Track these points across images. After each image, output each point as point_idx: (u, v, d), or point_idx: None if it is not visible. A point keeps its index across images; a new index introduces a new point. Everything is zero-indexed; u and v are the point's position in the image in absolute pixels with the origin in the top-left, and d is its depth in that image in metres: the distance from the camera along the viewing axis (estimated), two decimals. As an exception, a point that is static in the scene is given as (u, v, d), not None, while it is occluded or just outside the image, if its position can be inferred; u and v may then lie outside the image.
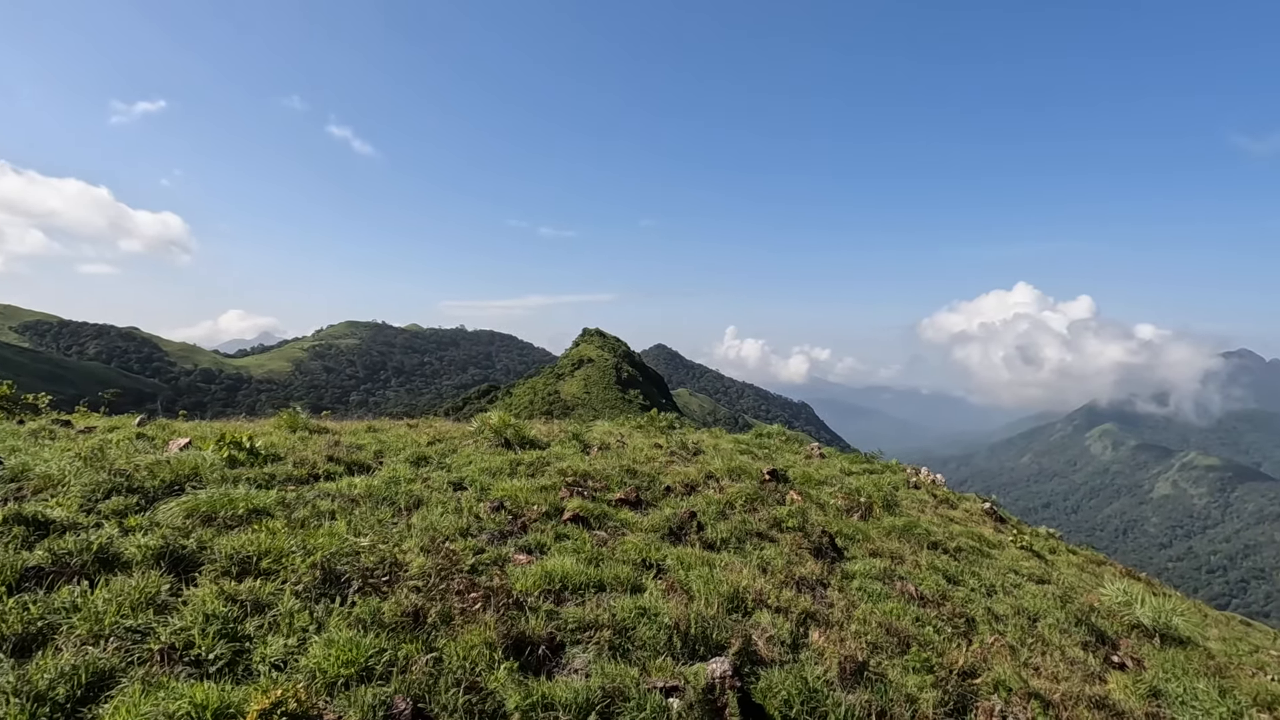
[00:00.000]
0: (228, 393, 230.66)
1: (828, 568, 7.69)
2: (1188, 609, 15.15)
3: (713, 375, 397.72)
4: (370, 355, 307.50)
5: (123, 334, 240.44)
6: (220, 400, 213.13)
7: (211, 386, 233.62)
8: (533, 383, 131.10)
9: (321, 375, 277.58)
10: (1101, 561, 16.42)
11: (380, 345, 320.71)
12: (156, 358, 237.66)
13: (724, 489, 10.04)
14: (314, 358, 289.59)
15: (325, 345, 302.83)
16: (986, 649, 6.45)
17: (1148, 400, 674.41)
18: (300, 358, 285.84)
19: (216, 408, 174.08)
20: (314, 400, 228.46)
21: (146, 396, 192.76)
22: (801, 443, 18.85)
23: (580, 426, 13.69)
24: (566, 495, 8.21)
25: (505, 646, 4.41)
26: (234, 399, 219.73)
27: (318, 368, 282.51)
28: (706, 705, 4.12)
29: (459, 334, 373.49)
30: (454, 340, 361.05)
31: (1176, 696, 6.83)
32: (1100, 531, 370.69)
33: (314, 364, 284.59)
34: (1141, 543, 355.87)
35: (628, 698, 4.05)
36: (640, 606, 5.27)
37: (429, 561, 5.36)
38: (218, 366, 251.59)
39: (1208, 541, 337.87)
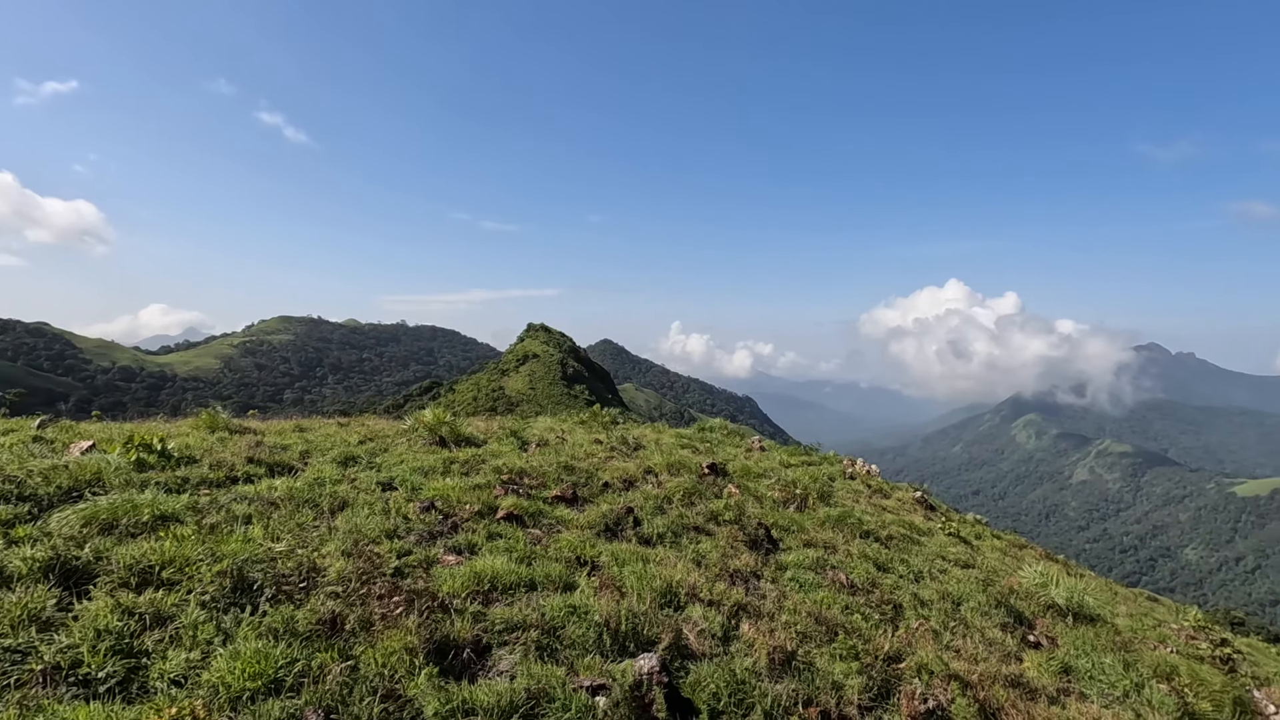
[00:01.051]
0: (150, 392, 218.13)
1: (762, 559, 7.79)
2: (1099, 588, 16.07)
3: (659, 370, 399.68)
4: (306, 352, 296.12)
5: (30, 330, 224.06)
6: (142, 400, 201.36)
7: (132, 385, 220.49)
8: (476, 379, 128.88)
9: (253, 373, 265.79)
10: (1023, 545, 17.25)
11: (316, 341, 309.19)
12: (70, 355, 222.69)
13: (663, 484, 10.05)
14: (244, 354, 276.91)
15: (257, 341, 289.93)
16: (911, 634, 6.65)
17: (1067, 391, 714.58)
18: (230, 354, 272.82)
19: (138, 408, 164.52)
20: (245, 399, 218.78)
21: (58, 396, 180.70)
22: (743, 436, 19.10)
23: (519, 423, 13.49)
24: (501, 493, 8.06)
25: (428, 651, 4.27)
26: (157, 399, 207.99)
27: (249, 365, 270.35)
28: (634, 702, 4.09)
29: (400, 329, 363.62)
30: (394, 336, 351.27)
31: (1085, 671, 7.20)
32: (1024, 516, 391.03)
33: (244, 361, 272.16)
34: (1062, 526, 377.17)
35: (553, 698, 3.98)
36: (571, 605, 5.20)
37: (350, 565, 5.15)
38: (138, 364, 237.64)
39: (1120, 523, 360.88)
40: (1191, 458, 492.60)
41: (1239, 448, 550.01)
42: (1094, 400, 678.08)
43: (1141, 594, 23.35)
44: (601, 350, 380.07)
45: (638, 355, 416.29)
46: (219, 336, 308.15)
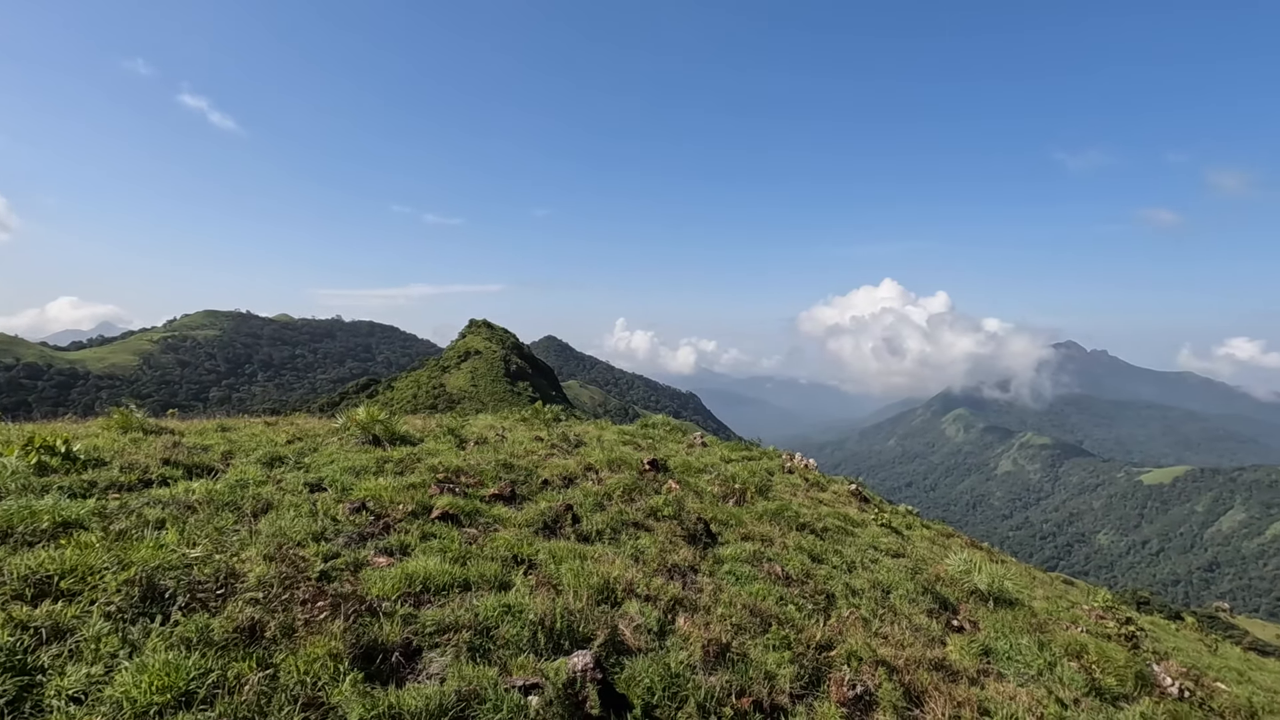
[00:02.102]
0: (58, 391, 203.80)
1: (700, 554, 7.87)
2: (1018, 573, 16.93)
3: (603, 367, 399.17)
4: (233, 347, 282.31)
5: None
6: (49, 400, 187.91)
7: (38, 384, 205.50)
8: (416, 376, 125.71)
9: (175, 370, 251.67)
10: (950, 534, 18.01)
11: (245, 337, 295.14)
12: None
13: (603, 480, 10.04)
14: (166, 350, 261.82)
15: (179, 337, 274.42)
16: (843, 622, 6.85)
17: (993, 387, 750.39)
18: (149, 350, 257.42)
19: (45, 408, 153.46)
20: (166, 398, 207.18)
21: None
22: (685, 432, 19.27)
23: (458, 421, 13.23)
24: (436, 492, 7.88)
25: (354, 656, 4.14)
26: (66, 398, 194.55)
27: (170, 361, 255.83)
28: (567, 700, 4.06)
29: (335, 325, 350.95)
30: (329, 331, 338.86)
31: (1004, 653, 7.58)
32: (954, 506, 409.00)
33: (166, 357, 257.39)
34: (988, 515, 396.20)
35: (484, 700, 3.92)
36: (506, 604, 5.13)
37: (272, 570, 4.94)
38: (45, 361, 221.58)
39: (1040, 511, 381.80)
40: (1104, 449, 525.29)
41: (1146, 439, 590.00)
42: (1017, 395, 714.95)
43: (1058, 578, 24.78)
44: (546, 347, 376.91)
45: (582, 352, 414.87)
46: (137, 331, 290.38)
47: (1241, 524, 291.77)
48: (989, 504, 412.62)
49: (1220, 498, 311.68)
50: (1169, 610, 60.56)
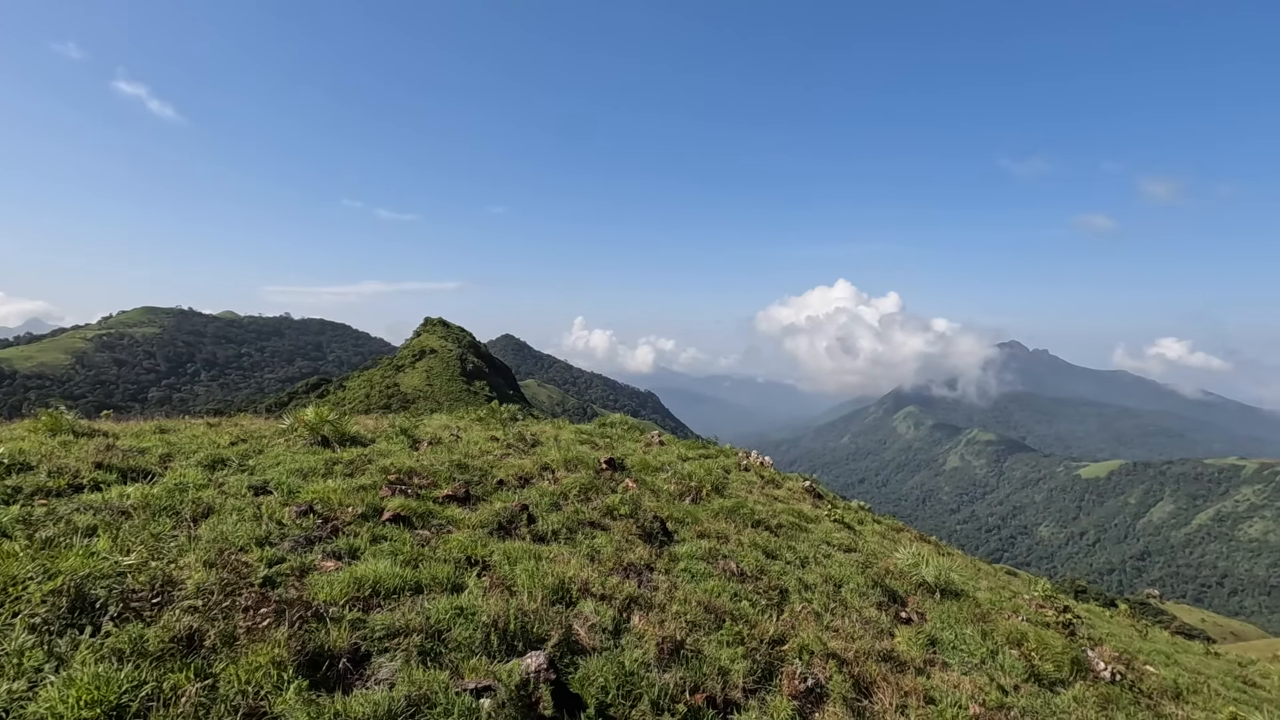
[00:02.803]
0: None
1: (657, 552, 7.90)
2: (964, 565, 17.50)
3: (561, 366, 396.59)
4: (174, 346, 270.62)
5: None
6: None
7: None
8: (369, 375, 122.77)
9: (111, 369, 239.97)
10: (900, 529, 18.50)
11: (187, 334, 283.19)
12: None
13: (559, 480, 9.99)
14: (101, 349, 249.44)
15: (115, 334, 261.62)
16: (795, 617, 6.97)
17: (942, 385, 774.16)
18: (82, 349, 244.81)
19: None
20: (101, 398, 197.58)
21: None
22: (643, 431, 19.32)
23: (411, 421, 12.98)
24: (388, 494, 7.72)
25: (299, 664, 4.02)
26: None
27: (105, 360, 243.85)
28: (520, 702, 4.03)
29: (284, 322, 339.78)
30: (278, 329, 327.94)
31: (949, 643, 7.82)
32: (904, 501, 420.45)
33: (101, 356, 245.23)
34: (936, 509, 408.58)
35: (434, 704, 3.85)
36: (459, 606, 5.06)
37: (212, 577, 4.76)
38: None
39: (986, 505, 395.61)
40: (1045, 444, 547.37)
41: (1084, 434, 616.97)
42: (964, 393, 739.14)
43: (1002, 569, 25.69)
44: (503, 346, 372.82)
45: (540, 351, 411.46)
46: (70, 329, 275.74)
47: (1170, 515, 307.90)
48: (938, 499, 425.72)
49: (1151, 490, 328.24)
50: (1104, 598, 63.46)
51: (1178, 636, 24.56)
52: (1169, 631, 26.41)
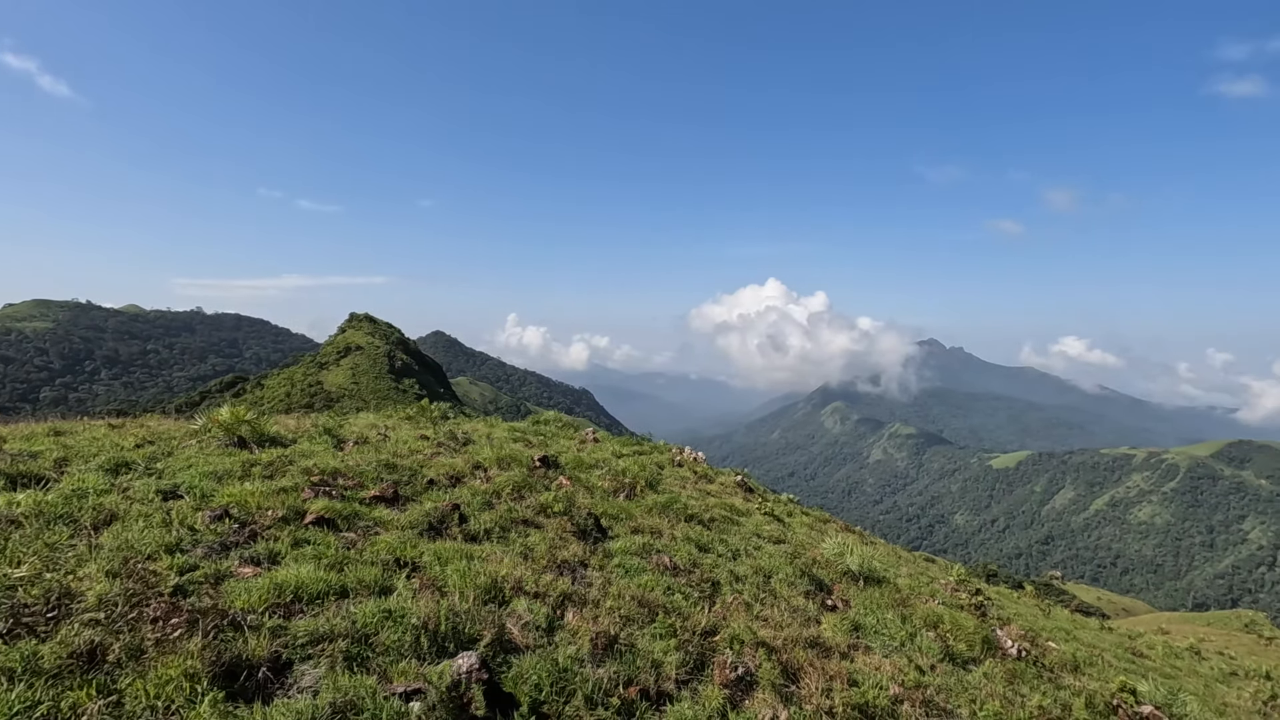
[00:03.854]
0: None
1: (591, 548, 7.91)
2: (886, 553, 18.29)
3: (494, 363, 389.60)
4: (70, 342, 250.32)
5: None
6: None
7: None
8: (290, 373, 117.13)
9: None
10: (827, 520, 19.15)
11: (84, 330, 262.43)
12: None
13: (492, 478, 9.85)
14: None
15: (2, 330, 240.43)
16: (727, 608, 7.12)
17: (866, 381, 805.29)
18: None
19: None
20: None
21: None
22: (578, 428, 19.27)
23: (335, 420, 12.51)
24: (311, 496, 7.42)
25: (214, 675, 3.83)
26: None
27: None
28: (451, 703, 3.97)
29: (195, 317, 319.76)
30: (188, 325, 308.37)
31: (872, 628, 8.18)
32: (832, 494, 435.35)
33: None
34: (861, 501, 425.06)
35: (361, 710, 3.75)
36: (387, 609, 4.92)
37: (116, 587, 4.47)
38: None
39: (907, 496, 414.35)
40: (960, 437, 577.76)
41: (995, 427, 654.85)
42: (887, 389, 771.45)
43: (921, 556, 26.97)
44: (433, 342, 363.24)
45: (472, 348, 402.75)
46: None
47: (1071, 501, 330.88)
48: (862, 490, 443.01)
49: (1054, 479, 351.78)
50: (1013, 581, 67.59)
51: (1077, 614, 26.45)
52: (1069, 610, 28.41)
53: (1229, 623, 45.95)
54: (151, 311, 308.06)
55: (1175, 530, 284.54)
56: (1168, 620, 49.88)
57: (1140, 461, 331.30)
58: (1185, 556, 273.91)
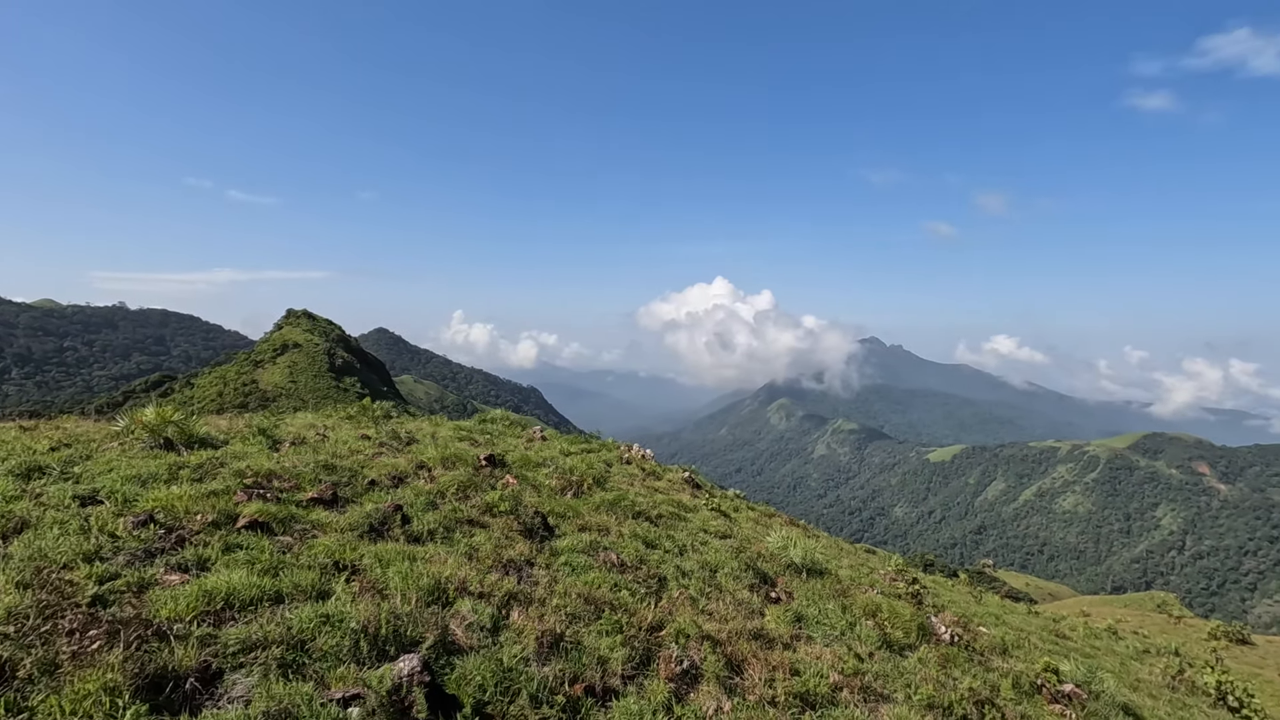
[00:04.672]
0: None
1: (537, 547, 7.86)
2: (829, 546, 18.79)
3: (440, 361, 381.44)
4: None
5: None
6: None
7: None
8: (223, 371, 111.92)
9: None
10: (772, 514, 19.53)
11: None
12: None
13: (436, 478, 9.67)
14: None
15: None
16: (673, 603, 7.20)
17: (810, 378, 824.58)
18: None
19: None
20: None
21: None
22: (525, 426, 19.10)
23: (271, 420, 12.06)
24: (244, 499, 7.14)
25: (137, 688, 3.65)
26: None
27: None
28: (392, 708, 3.89)
29: (118, 313, 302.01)
30: (110, 321, 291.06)
31: (813, 618, 8.40)
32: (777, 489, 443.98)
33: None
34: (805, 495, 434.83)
35: (297, 718, 3.64)
36: (324, 613, 4.79)
37: (28, 599, 4.21)
38: None
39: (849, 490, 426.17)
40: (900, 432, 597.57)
41: (932, 422, 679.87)
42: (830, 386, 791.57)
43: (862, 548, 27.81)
44: (376, 340, 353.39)
45: (417, 345, 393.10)
46: None
47: (1002, 492, 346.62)
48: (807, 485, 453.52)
49: (987, 471, 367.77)
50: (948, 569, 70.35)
51: (1006, 600, 27.74)
52: (999, 596, 29.76)
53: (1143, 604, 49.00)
54: (68, 306, 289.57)
55: (1096, 518, 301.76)
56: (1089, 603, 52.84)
57: (1065, 454, 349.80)
58: (1105, 543, 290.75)
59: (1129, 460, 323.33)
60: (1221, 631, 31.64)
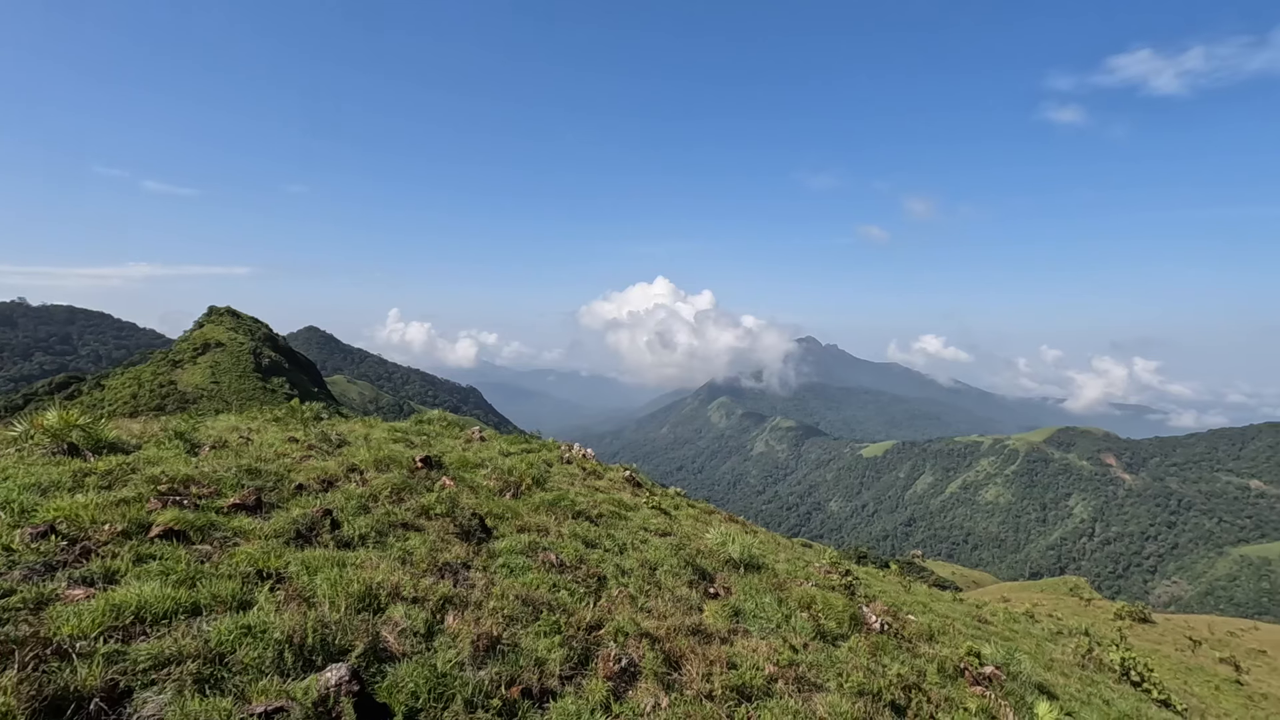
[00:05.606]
0: None
1: (474, 549, 7.73)
2: (766, 541, 19.17)
3: (375, 360, 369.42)
4: None
5: None
6: None
7: None
8: (138, 372, 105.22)
9: None
10: (712, 511, 19.80)
11: None
12: None
13: (369, 481, 9.38)
14: None
15: None
16: (612, 602, 7.20)
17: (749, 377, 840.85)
18: None
19: None
20: None
21: None
22: (463, 427, 18.75)
23: (189, 423, 11.44)
24: (158, 507, 6.73)
25: (34, 711, 3.40)
26: None
27: None
28: (318, 719, 3.75)
29: (17, 309, 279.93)
30: (8, 318, 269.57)
31: (751, 612, 8.56)
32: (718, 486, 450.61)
33: None
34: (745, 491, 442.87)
35: (214, 735, 3.47)
36: (246, 625, 4.57)
37: (-94, 620, 3.86)
38: None
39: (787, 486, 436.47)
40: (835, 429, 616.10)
41: (865, 419, 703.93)
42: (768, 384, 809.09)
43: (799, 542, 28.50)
44: (307, 338, 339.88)
45: (350, 345, 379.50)
46: None
47: (930, 485, 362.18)
48: (746, 482, 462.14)
49: (916, 465, 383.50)
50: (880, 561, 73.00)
51: (933, 589, 28.99)
52: (927, 585, 31.08)
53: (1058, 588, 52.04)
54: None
55: (1015, 508, 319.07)
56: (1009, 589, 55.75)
57: (987, 448, 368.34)
58: (1023, 531, 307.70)
59: (1045, 453, 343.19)
60: (1126, 612, 33.97)
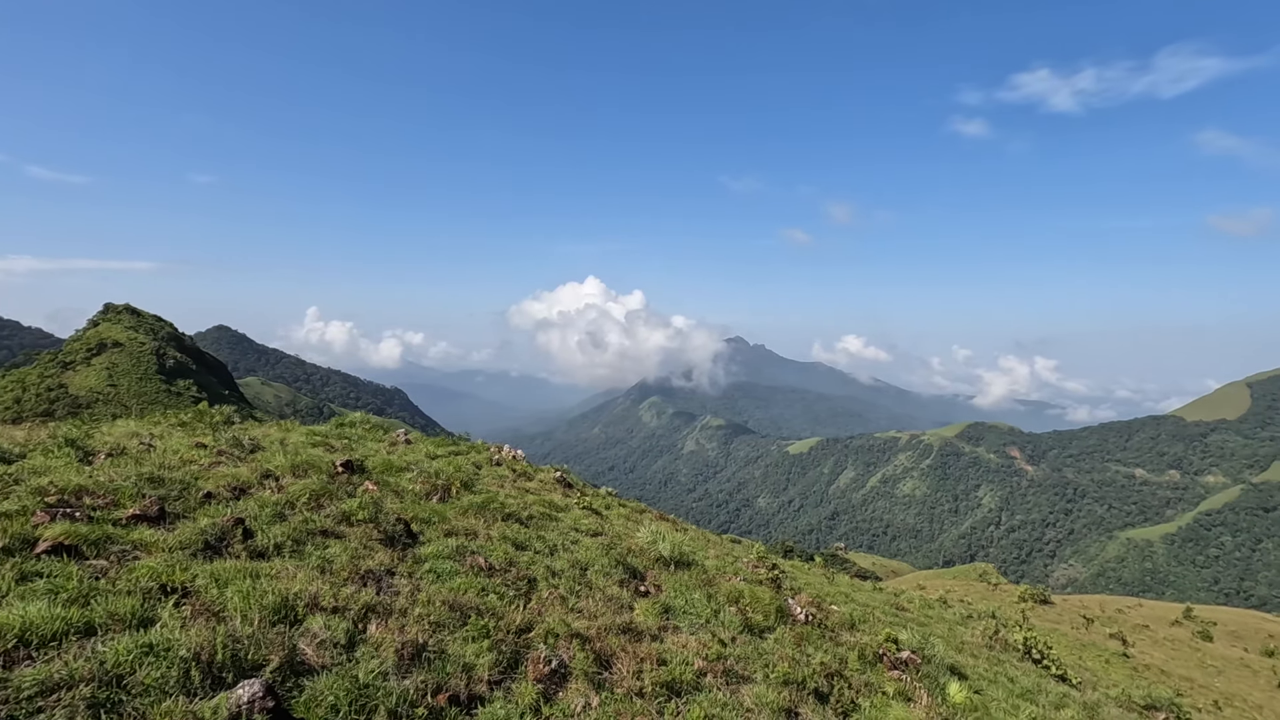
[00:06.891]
0: None
1: (399, 555, 7.51)
2: (696, 538, 19.46)
3: (291, 361, 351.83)
4: None
5: None
6: None
7: None
8: (21, 374, 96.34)
9: None
10: (643, 510, 19.91)
11: None
12: None
13: (285, 488, 8.94)
14: None
15: None
16: (542, 603, 7.14)
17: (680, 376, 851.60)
18: None
19: None
20: None
21: None
22: (388, 430, 18.16)
23: (82, 429, 10.60)
24: (45, 520, 6.21)
25: (-104, 749, 3.08)
26: None
27: None
28: (229, 739, 3.56)
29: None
30: None
31: (681, 609, 8.67)
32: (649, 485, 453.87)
33: None
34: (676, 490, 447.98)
35: (110, 763, 3.23)
36: (147, 643, 4.27)
37: None
38: None
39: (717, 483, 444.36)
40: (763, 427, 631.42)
41: (791, 417, 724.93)
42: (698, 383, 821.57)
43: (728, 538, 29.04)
44: (216, 338, 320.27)
45: (265, 345, 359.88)
46: None
47: (852, 480, 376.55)
48: (677, 480, 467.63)
49: (839, 461, 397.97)
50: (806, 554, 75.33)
51: (855, 579, 30.15)
52: (849, 576, 32.29)
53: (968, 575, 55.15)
54: None
55: (930, 500, 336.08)
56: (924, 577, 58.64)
57: (904, 443, 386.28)
58: (938, 522, 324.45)
59: (956, 447, 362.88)
60: (1028, 595, 36.35)
